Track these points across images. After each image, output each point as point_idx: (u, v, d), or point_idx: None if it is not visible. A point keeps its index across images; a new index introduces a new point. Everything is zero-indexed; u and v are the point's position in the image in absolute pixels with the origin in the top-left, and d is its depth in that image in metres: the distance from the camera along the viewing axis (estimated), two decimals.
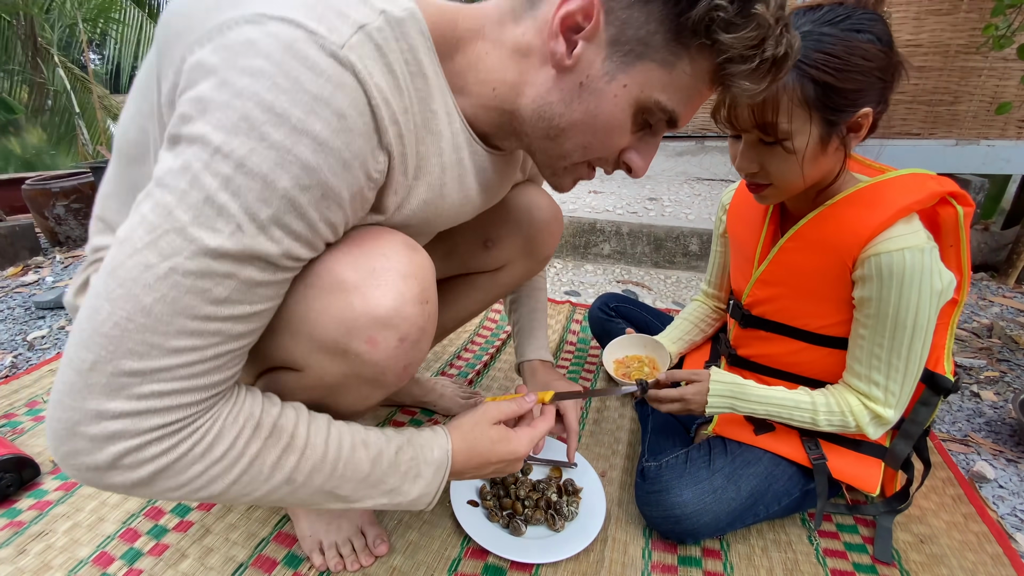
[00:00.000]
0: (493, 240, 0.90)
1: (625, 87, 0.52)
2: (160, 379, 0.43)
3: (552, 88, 0.54)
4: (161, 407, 0.44)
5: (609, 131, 0.55)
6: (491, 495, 0.89)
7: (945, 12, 2.85)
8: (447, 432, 0.64)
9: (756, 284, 0.88)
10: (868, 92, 0.67)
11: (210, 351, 0.44)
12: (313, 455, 0.53)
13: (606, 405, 1.19)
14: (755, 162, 0.73)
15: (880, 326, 0.72)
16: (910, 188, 0.72)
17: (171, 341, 0.43)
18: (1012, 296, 1.92)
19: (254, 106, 0.40)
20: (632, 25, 0.49)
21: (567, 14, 0.49)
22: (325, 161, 0.43)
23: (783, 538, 0.85)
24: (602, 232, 2.19)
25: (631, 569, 0.80)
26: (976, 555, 0.83)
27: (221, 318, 0.44)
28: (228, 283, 0.43)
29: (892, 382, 0.74)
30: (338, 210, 0.47)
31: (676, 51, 0.50)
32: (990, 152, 2.94)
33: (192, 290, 0.42)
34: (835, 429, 0.79)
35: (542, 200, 0.89)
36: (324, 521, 0.79)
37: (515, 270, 0.94)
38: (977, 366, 1.43)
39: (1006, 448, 1.11)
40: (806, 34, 0.65)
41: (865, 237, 0.71)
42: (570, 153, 0.58)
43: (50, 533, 0.82)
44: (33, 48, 5.88)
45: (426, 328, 0.56)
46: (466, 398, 1.14)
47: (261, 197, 0.41)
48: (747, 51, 0.49)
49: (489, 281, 0.96)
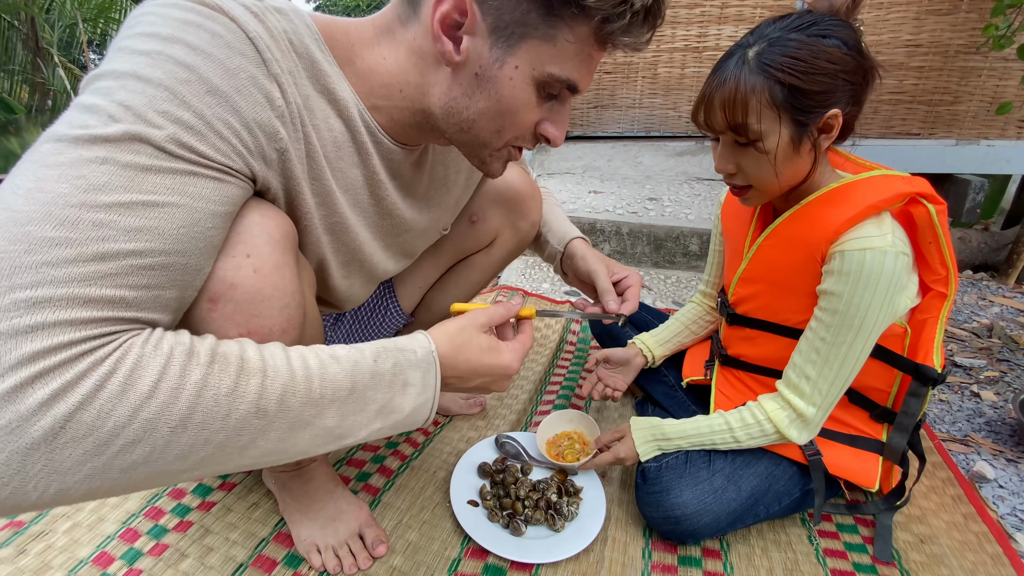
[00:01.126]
0: (477, 214, 0.94)
1: (517, 68, 0.55)
2: (26, 281, 0.34)
3: (453, 84, 0.57)
4: (34, 323, 0.34)
5: (515, 111, 0.58)
6: (491, 495, 0.89)
7: (945, 12, 2.85)
8: (426, 333, 0.58)
9: (739, 282, 0.90)
10: (836, 94, 0.70)
11: (93, 247, 0.37)
12: (278, 377, 0.44)
13: (606, 405, 1.19)
14: (732, 163, 0.76)
15: (828, 320, 0.74)
16: (878, 187, 0.74)
17: (39, 230, 0.35)
18: (1012, 296, 1.92)
19: (131, 39, 0.43)
20: (506, 10, 0.52)
21: (443, 15, 0.52)
22: (203, 62, 0.44)
23: (783, 538, 0.85)
24: (602, 232, 2.19)
25: (631, 569, 0.80)
26: (976, 555, 0.83)
27: (103, 206, 0.37)
28: (105, 168, 0.38)
29: (822, 379, 0.75)
30: (235, 116, 0.45)
31: (553, 23, 0.53)
32: (990, 152, 2.94)
33: (62, 179, 0.37)
34: (757, 442, 0.81)
35: (513, 171, 0.93)
36: (319, 524, 0.79)
37: (506, 241, 0.97)
38: (977, 366, 1.42)
39: (1006, 448, 1.11)
40: (774, 40, 0.69)
41: (832, 232, 0.73)
42: (488, 141, 0.61)
43: (50, 533, 0.82)
44: (34, 48, 5.89)
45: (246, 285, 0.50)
46: (466, 397, 1.14)
47: (133, 89, 0.41)
48: (615, 9, 0.51)
49: (484, 258, 0.99)
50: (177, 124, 0.41)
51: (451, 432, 1.08)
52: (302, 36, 0.55)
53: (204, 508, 0.87)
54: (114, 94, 0.40)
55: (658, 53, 3.39)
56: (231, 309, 0.49)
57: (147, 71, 0.41)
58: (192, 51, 0.43)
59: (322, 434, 0.48)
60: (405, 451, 1.02)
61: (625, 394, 1.22)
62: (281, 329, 0.54)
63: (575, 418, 1.00)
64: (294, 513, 0.81)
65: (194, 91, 0.43)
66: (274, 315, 0.53)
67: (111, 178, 0.38)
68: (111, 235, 0.38)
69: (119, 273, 0.38)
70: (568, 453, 0.93)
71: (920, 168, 3.04)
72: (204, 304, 0.48)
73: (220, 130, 0.44)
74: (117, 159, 0.38)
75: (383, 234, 0.75)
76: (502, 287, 1.86)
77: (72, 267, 0.36)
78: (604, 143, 3.57)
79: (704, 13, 3.24)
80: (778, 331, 0.86)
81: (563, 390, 1.22)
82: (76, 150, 0.38)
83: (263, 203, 0.54)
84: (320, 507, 0.80)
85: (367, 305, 0.97)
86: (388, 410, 0.52)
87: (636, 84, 3.51)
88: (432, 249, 0.94)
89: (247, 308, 0.50)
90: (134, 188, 0.39)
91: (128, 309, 0.39)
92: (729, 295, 0.93)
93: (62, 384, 0.34)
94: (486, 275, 1.01)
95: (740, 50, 0.71)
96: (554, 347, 1.41)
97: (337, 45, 0.58)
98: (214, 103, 0.44)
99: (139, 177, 0.39)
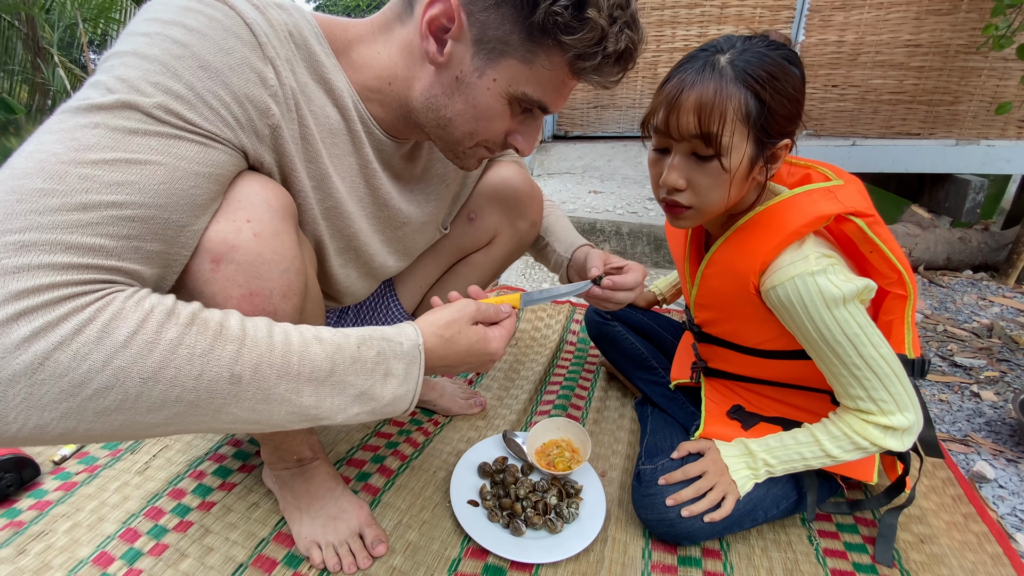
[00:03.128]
0: (475, 211, 0.95)
1: (495, 81, 0.59)
2: (14, 226, 0.38)
3: (434, 82, 0.61)
4: (18, 264, 0.37)
5: (489, 119, 0.62)
6: (491, 495, 0.89)
7: (945, 12, 2.85)
8: (414, 325, 0.59)
9: (696, 307, 0.90)
10: (792, 122, 0.69)
11: (76, 197, 0.40)
12: (256, 347, 0.45)
13: (606, 405, 1.19)
14: (684, 177, 0.70)
15: (820, 351, 0.72)
16: (802, 211, 0.71)
17: (30, 182, 0.39)
18: (1012, 296, 1.92)
19: (136, 24, 0.47)
20: (491, 26, 0.56)
21: (432, 17, 0.56)
22: (198, 41, 0.47)
23: (783, 538, 0.85)
24: (602, 232, 2.19)
25: (631, 569, 0.80)
26: (976, 555, 0.83)
27: (89, 162, 0.41)
28: (96, 131, 0.42)
29: (873, 391, 0.71)
30: (225, 89, 0.49)
31: (532, 49, 0.57)
32: (990, 152, 2.94)
33: (58, 141, 0.41)
34: (854, 454, 0.75)
35: (512, 169, 0.94)
36: (320, 523, 0.79)
37: (506, 240, 0.97)
38: (977, 366, 1.43)
39: (1006, 448, 1.11)
40: (748, 50, 0.66)
41: (758, 265, 0.72)
42: (461, 139, 0.65)
43: (50, 533, 0.82)
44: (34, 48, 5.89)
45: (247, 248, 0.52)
46: (466, 397, 1.14)
47: (132, 64, 0.44)
48: (589, 49, 0.56)
49: (483, 257, 0.99)
50: (167, 94, 0.45)
51: (451, 432, 1.08)
52: (301, 29, 0.58)
53: (204, 508, 0.87)
54: (115, 70, 0.44)
55: (658, 53, 3.40)
56: (233, 270, 0.52)
57: (145, 49, 0.45)
58: (189, 31, 0.47)
59: (298, 411, 0.48)
60: (405, 451, 1.02)
61: (625, 395, 1.23)
62: (282, 293, 0.55)
63: (563, 426, 1.00)
64: (294, 511, 0.81)
65: (187, 66, 0.46)
66: (275, 278, 0.55)
67: (100, 139, 0.41)
68: (94, 187, 0.41)
69: (100, 223, 0.41)
70: (559, 462, 0.93)
71: (920, 168, 3.04)
72: (207, 264, 0.51)
73: (209, 101, 0.47)
74: (108, 123, 0.42)
75: (381, 226, 0.76)
76: (502, 287, 1.86)
77: (57, 215, 0.39)
78: (604, 143, 3.57)
79: (704, 13, 3.24)
80: (747, 352, 0.86)
81: (563, 390, 1.22)
82: (74, 118, 0.42)
83: (262, 176, 0.56)
84: (321, 505, 0.80)
85: (368, 303, 0.97)
86: (367, 397, 0.52)
87: (636, 84, 3.52)
88: (432, 248, 0.95)
89: (248, 270, 0.52)
90: (120, 148, 0.42)
91: (108, 258, 0.42)
92: (692, 315, 0.93)
93: (43, 323, 0.37)
94: (486, 274, 1.01)
95: (706, 55, 0.67)
96: (554, 347, 1.41)
97: (336, 40, 0.62)
98: (205, 76, 0.47)
99: (126, 139, 0.42)
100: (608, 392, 1.24)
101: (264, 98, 0.52)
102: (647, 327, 1.21)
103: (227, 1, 0.50)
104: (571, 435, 0.99)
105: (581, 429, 0.97)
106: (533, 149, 0.68)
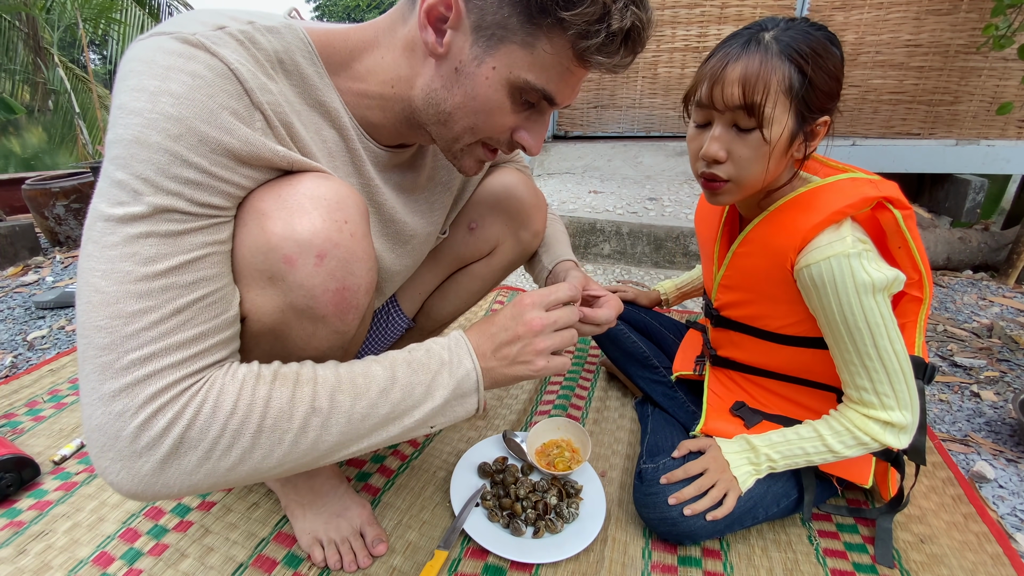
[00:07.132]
0: (476, 221, 0.93)
1: (494, 69, 0.57)
2: (132, 346, 0.46)
3: (434, 76, 0.59)
4: (146, 373, 0.46)
5: (490, 111, 0.60)
6: (491, 495, 0.89)
7: (945, 12, 2.85)
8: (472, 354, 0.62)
9: (720, 288, 0.90)
10: (832, 100, 0.70)
11: (168, 306, 0.47)
12: (326, 381, 0.54)
13: (606, 405, 1.19)
14: (725, 148, 0.72)
15: (838, 334, 0.72)
16: (845, 192, 0.72)
17: (127, 306, 0.46)
18: (1012, 296, 1.92)
19: (126, 94, 0.47)
20: (489, 11, 0.55)
21: (430, 6, 0.55)
22: (189, 110, 0.47)
23: (783, 538, 0.85)
24: (602, 232, 2.19)
25: (631, 569, 0.80)
26: (976, 555, 0.83)
27: (161, 273, 0.47)
28: (150, 241, 0.46)
29: (879, 384, 0.72)
30: (226, 157, 0.50)
31: (532, 31, 0.55)
32: (990, 152, 2.94)
33: (123, 258, 0.46)
34: (855, 449, 0.75)
35: (515, 177, 0.92)
36: (323, 519, 0.80)
37: (507, 251, 0.96)
38: (977, 366, 1.42)
39: (1006, 448, 1.11)
40: (791, 28, 0.68)
41: (798, 241, 0.72)
42: (461, 135, 0.63)
43: (50, 533, 0.82)
44: (35, 48, 5.89)
45: (346, 245, 0.56)
46: None
47: (142, 159, 0.46)
48: (591, 26, 0.53)
49: (484, 267, 0.98)
50: (189, 186, 0.48)
51: (451, 432, 1.08)
52: (292, 53, 0.57)
53: (204, 508, 0.87)
54: (129, 167, 0.46)
55: (658, 53, 3.40)
56: (334, 265, 0.56)
57: (144, 134, 0.46)
58: (177, 101, 0.47)
59: (378, 427, 0.56)
60: (405, 451, 1.02)
61: (625, 395, 1.23)
62: (365, 289, 0.61)
63: (563, 426, 1.00)
64: (297, 507, 0.81)
65: (188, 145, 0.47)
66: (363, 274, 0.59)
67: (158, 249, 0.47)
68: (177, 294, 0.48)
69: (194, 317, 0.49)
70: (559, 462, 0.93)
71: (920, 168, 3.04)
72: (312, 259, 0.54)
73: (221, 175, 0.50)
74: (156, 231, 0.47)
75: (391, 243, 0.76)
76: (502, 287, 1.86)
77: (160, 326, 0.47)
78: (604, 143, 3.57)
79: (704, 13, 3.24)
80: (764, 336, 0.86)
81: (563, 390, 1.22)
82: (123, 228, 0.46)
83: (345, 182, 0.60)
84: (324, 502, 0.80)
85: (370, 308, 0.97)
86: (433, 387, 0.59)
87: (636, 84, 3.52)
88: (432, 256, 0.94)
89: (345, 266, 0.57)
90: (179, 252, 0.48)
91: (207, 338, 0.50)
92: (712, 299, 0.93)
93: (174, 414, 0.47)
94: (487, 284, 0.99)
95: (750, 32, 0.69)
96: None
97: (336, 53, 0.61)
98: (208, 151, 0.48)
99: (178, 241, 0.48)
100: (608, 392, 1.24)
101: (266, 142, 0.52)
102: (649, 326, 1.21)
103: (207, 47, 0.48)
104: (571, 435, 0.99)
105: (581, 429, 0.97)
106: (541, 147, 0.64)
